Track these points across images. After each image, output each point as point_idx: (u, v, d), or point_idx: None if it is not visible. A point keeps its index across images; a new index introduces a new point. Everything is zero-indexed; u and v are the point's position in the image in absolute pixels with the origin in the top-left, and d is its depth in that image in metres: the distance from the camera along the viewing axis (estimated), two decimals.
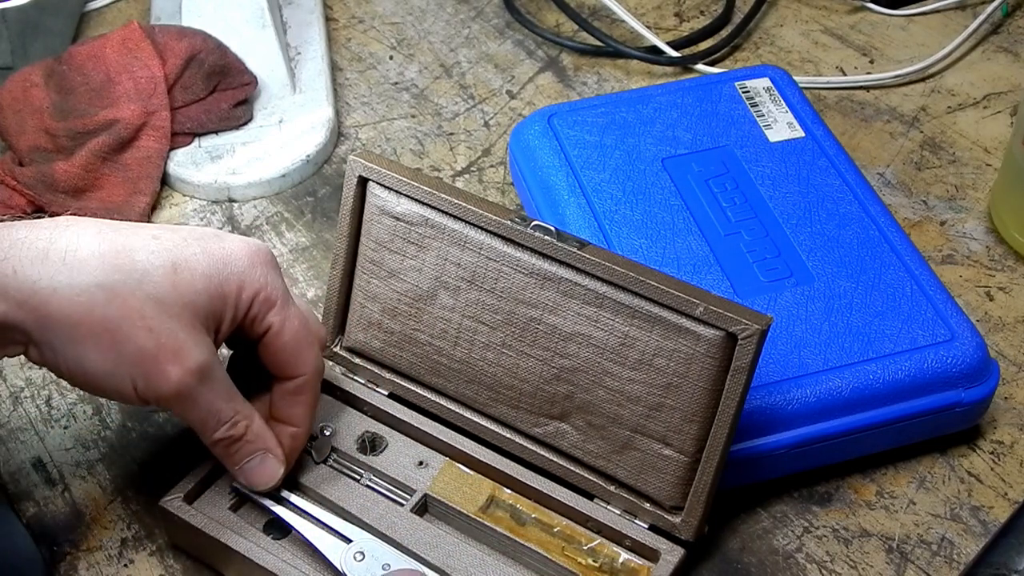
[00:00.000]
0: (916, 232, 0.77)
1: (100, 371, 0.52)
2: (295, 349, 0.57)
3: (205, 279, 0.54)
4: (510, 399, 0.61)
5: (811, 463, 0.63)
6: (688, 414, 0.56)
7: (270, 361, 0.57)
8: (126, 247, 0.53)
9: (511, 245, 0.58)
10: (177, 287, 0.53)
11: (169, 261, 0.53)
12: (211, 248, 0.55)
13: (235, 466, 0.57)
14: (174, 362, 0.52)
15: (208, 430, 0.56)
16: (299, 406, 0.58)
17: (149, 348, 0.52)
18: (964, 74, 0.89)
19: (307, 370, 0.58)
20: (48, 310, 0.51)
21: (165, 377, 0.53)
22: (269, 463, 0.58)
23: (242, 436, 0.56)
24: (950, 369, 0.62)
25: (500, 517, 0.60)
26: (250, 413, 0.56)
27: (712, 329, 0.54)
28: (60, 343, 0.52)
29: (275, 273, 0.57)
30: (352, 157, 0.61)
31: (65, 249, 0.52)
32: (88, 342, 0.52)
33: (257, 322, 0.56)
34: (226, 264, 0.55)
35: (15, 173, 0.77)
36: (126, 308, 0.52)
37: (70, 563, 0.61)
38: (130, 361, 0.52)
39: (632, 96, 0.77)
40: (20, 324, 0.51)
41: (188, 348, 0.53)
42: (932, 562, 0.60)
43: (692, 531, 0.57)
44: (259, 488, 0.58)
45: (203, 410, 0.55)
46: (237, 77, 0.83)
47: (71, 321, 0.51)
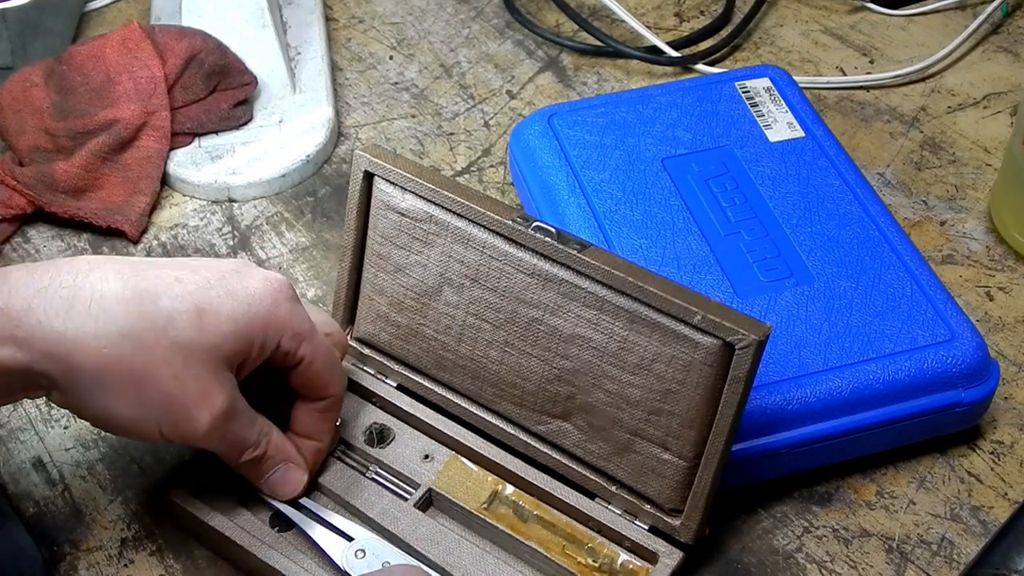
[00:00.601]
0: (916, 232, 0.77)
1: (126, 417, 0.53)
2: (327, 373, 0.58)
3: (231, 322, 0.54)
4: (513, 396, 0.61)
5: (811, 463, 0.63)
6: (687, 420, 0.56)
7: (302, 386, 0.59)
8: (150, 292, 0.53)
9: (513, 245, 0.59)
10: (202, 332, 0.53)
11: (193, 305, 0.53)
12: (235, 289, 0.55)
13: (259, 480, 0.58)
14: (202, 407, 0.53)
15: (235, 458, 0.57)
16: (325, 423, 0.60)
17: (177, 395, 0.53)
18: (964, 74, 0.89)
19: (336, 391, 0.59)
20: (74, 360, 0.51)
21: (195, 422, 0.53)
22: (292, 473, 0.59)
23: (265, 453, 0.57)
24: (950, 369, 0.62)
25: (502, 514, 0.60)
26: (269, 429, 0.58)
27: (710, 337, 0.54)
28: (86, 391, 0.52)
29: (298, 306, 0.57)
30: (358, 152, 0.62)
31: (90, 298, 0.52)
32: (114, 390, 0.52)
33: (290, 356, 0.57)
34: (250, 305, 0.55)
35: (15, 173, 0.77)
36: (152, 356, 0.52)
37: (70, 563, 0.61)
38: (157, 407, 0.53)
39: (632, 96, 0.77)
40: (45, 372, 0.52)
41: (215, 392, 0.54)
42: (932, 562, 0.61)
43: (691, 534, 0.57)
44: (284, 497, 0.59)
45: (230, 443, 0.56)
46: (237, 77, 0.83)
47: (97, 371, 0.52)
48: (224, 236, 0.78)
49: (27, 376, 0.52)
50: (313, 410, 0.59)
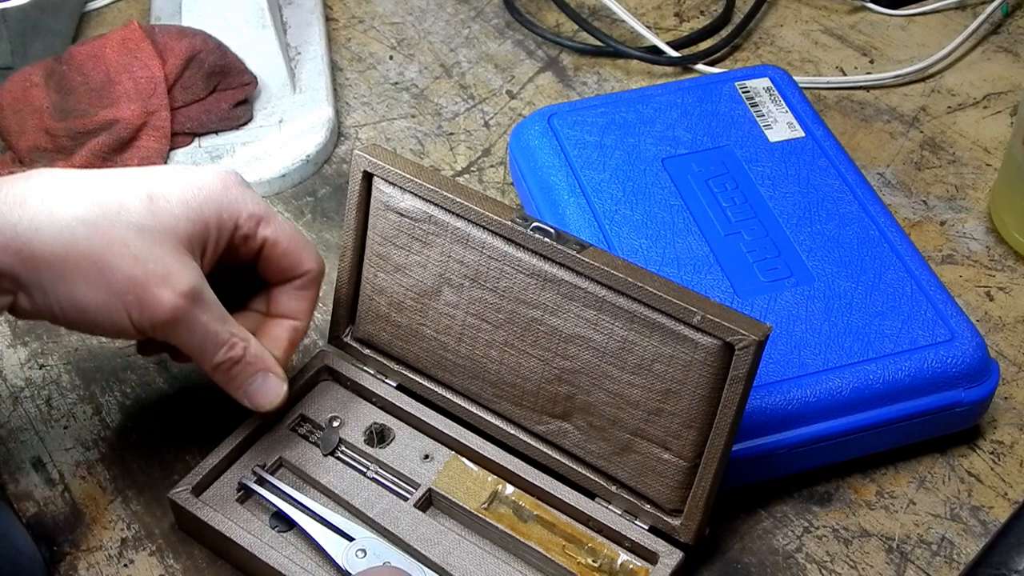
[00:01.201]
0: (916, 232, 0.77)
1: (93, 305, 0.54)
2: (296, 250, 0.59)
3: (182, 205, 0.55)
4: (513, 396, 0.61)
5: (811, 463, 0.63)
6: (687, 420, 0.56)
7: (273, 269, 0.60)
8: (101, 184, 0.55)
9: (512, 245, 0.59)
10: (156, 215, 0.54)
11: (144, 191, 0.55)
12: (183, 177, 0.57)
13: (238, 389, 0.58)
14: (164, 286, 0.54)
15: (207, 355, 0.56)
16: (304, 301, 0.61)
17: (138, 275, 0.53)
18: (964, 74, 0.89)
19: (312, 265, 0.60)
20: (32, 249, 0.52)
21: (158, 301, 0.54)
22: (272, 382, 0.58)
23: (241, 358, 0.57)
24: (950, 369, 0.62)
25: (502, 514, 0.60)
26: (246, 335, 0.58)
27: (710, 338, 0.54)
28: (49, 282, 0.53)
29: (250, 191, 0.59)
30: (357, 152, 0.62)
31: (43, 192, 0.53)
32: (77, 276, 0.53)
33: (251, 239, 0.58)
34: (200, 189, 0.56)
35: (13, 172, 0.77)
36: (109, 238, 0.53)
37: (70, 563, 0.61)
38: (121, 290, 0.53)
39: (632, 96, 0.77)
40: (8, 270, 0.52)
41: (176, 272, 0.54)
42: (932, 562, 0.61)
43: (691, 534, 0.57)
44: (265, 408, 0.59)
45: (200, 334, 0.56)
46: (237, 77, 0.83)
47: (57, 257, 0.52)
48: None
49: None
50: (291, 288, 0.60)
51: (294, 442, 0.63)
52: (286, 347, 0.61)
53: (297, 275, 0.60)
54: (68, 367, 0.69)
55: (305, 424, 0.64)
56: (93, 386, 0.69)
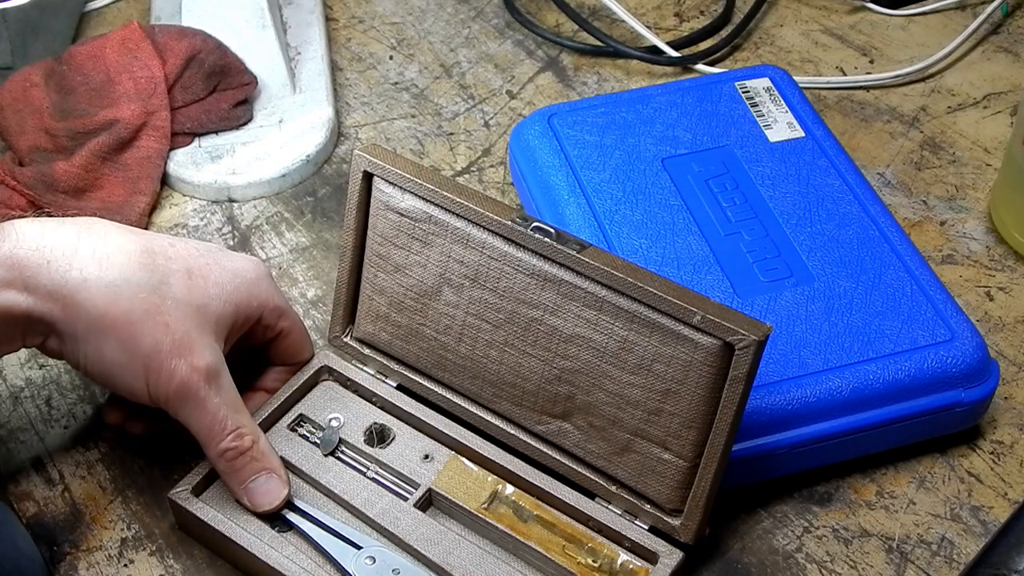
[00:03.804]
0: (916, 232, 0.77)
1: (116, 363, 0.55)
2: (302, 343, 0.64)
3: (218, 287, 0.58)
4: (513, 396, 0.61)
5: (811, 463, 0.63)
6: (687, 420, 0.56)
7: (280, 354, 0.64)
8: (148, 249, 0.57)
9: (512, 245, 0.59)
10: (192, 292, 0.57)
11: (185, 267, 0.58)
12: (221, 260, 0.59)
13: (239, 484, 0.58)
14: (184, 358, 0.55)
15: (214, 439, 0.57)
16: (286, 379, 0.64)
17: (164, 343, 0.55)
18: (964, 74, 0.89)
19: (309, 354, 0.65)
20: (76, 299, 0.54)
21: (173, 371, 0.55)
22: (274, 483, 0.59)
23: (248, 450, 0.58)
24: (950, 369, 0.62)
25: (503, 514, 0.60)
26: (257, 431, 0.59)
27: (710, 338, 0.54)
28: (83, 334, 0.55)
29: (275, 285, 0.63)
30: (357, 152, 0.62)
31: (94, 246, 0.55)
32: (110, 334, 0.55)
33: (270, 329, 0.62)
34: (235, 276, 0.59)
35: (15, 173, 0.77)
36: (148, 303, 0.55)
37: (70, 563, 0.61)
38: (145, 354, 0.55)
39: (632, 96, 0.77)
40: (47, 315, 0.54)
41: (199, 348, 0.56)
42: (932, 562, 0.61)
43: (691, 534, 0.57)
44: (262, 509, 0.59)
45: (209, 415, 0.57)
46: (237, 77, 0.83)
47: (97, 312, 0.54)
48: (224, 236, 0.78)
49: (28, 321, 0.54)
50: (281, 371, 0.64)
51: (294, 442, 0.63)
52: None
53: (295, 361, 0.64)
54: (68, 367, 0.69)
55: (305, 424, 0.64)
56: (93, 386, 0.69)
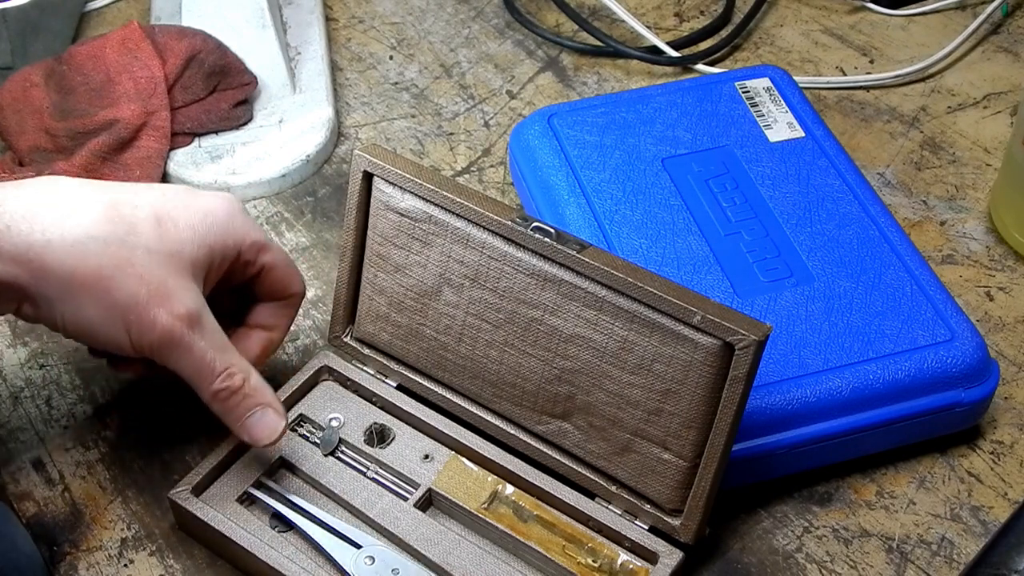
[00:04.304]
0: (916, 232, 0.77)
1: (95, 321, 0.54)
2: (288, 275, 0.62)
3: (189, 230, 0.57)
4: (513, 396, 0.61)
5: (811, 463, 0.63)
6: (687, 420, 0.56)
7: (265, 291, 0.62)
8: (113, 201, 0.56)
9: (512, 245, 0.59)
10: (163, 238, 0.56)
11: (153, 214, 0.56)
12: (189, 202, 0.58)
13: (237, 422, 0.58)
14: (163, 307, 0.54)
15: (205, 381, 0.57)
16: (284, 317, 0.63)
17: (140, 295, 0.54)
18: (964, 74, 0.89)
19: (299, 287, 0.63)
20: (43, 262, 0.53)
21: (156, 321, 0.54)
22: (270, 417, 0.58)
23: (240, 388, 0.57)
24: (950, 369, 0.62)
25: (503, 514, 0.60)
26: (247, 368, 0.58)
27: (710, 338, 0.54)
28: (56, 295, 0.54)
29: (250, 219, 0.61)
30: (357, 152, 0.62)
31: (55, 203, 0.54)
32: (83, 292, 0.54)
33: (251, 265, 0.60)
34: (206, 216, 0.58)
35: (15, 173, 0.77)
36: (118, 257, 0.54)
37: (70, 563, 0.61)
38: (122, 308, 0.54)
39: (632, 96, 0.77)
40: (15, 280, 0.53)
41: (177, 294, 0.55)
42: (932, 562, 0.61)
43: (691, 534, 0.57)
44: (262, 443, 0.59)
45: (196, 359, 0.56)
46: (237, 77, 0.83)
47: (66, 272, 0.53)
48: None
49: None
50: (276, 306, 0.63)
51: (294, 442, 0.63)
52: (257, 355, 0.62)
53: (285, 296, 0.63)
54: (68, 367, 0.69)
55: (305, 424, 0.64)
56: (93, 386, 0.69)
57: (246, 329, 0.63)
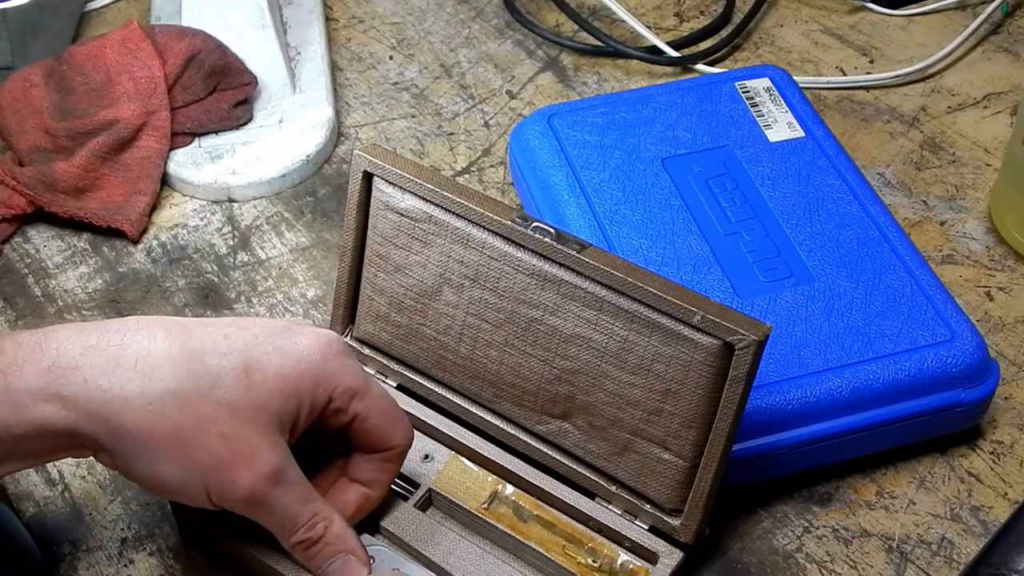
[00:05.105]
0: (916, 232, 0.77)
1: (173, 480, 0.51)
2: (386, 427, 0.57)
3: (279, 380, 0.53)
4: (513, 396, 0.61)
5: (811, 463, 0.63)
6: (687, 420, 0.56)
7: (361, 441, 0.57)
8: (196, 350, 0.52)
9: (512, 245, 0.59)
10: (250, 390, 0.52)
11: (241, 363, 0.52)
12: (283, 345, 0.54)
13: (317, 569, 0.55)
14: (246, 467, 0.51)
15: (286, 534, 0.54)
16: (384, 473, 0.58)
17: (222, 455, 0.51)
18: (964, 74, 0.89)
19: (401, 441, 0.57)
20: (119, 420, 0.50)
21: (237, 483, 0.51)
22: (351, 566, 0.55)
23: (321, 538, 0.55)
24: (950, 369, 0.62)
25: (502, 514, 0.60)
26: (330, 514, 0.55)
27: (710, 338, 0.54)
28: (131, 452, 0.51)
29: (351, 361, 0.56)
30: (357, 152, 0.62)
31: (136, 356, 0.51)
32: (160, 452, 0.51)
33: (342, 413, 0.55)
34: (299, 362, 0.53)
35: (15, 173, 0.77)
36: (198, 415, 0.51)
37: (70, 563, 0.61)
38: (203, 469, 0.51)
39: (632, 96, 0.77)
40: (90, 433, 0.50)
41: (262, 453, 0.52)
42: (932, 562, 0.61)
43: (691, 534, 0.57)
44: None
45: (279, 514, 0.53)
46: (237, 77, 0.83)
47: (143, 431, 0.50)
48: (224, 236, 0.78)
49: (72, 436, 0.50)
50: (373, 459, 0.57)
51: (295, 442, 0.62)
52: (353, 513, 0.57)
53: (383, 449, 0.57)
54: None
55: None
56: None
57: (345, 481, 0.58)
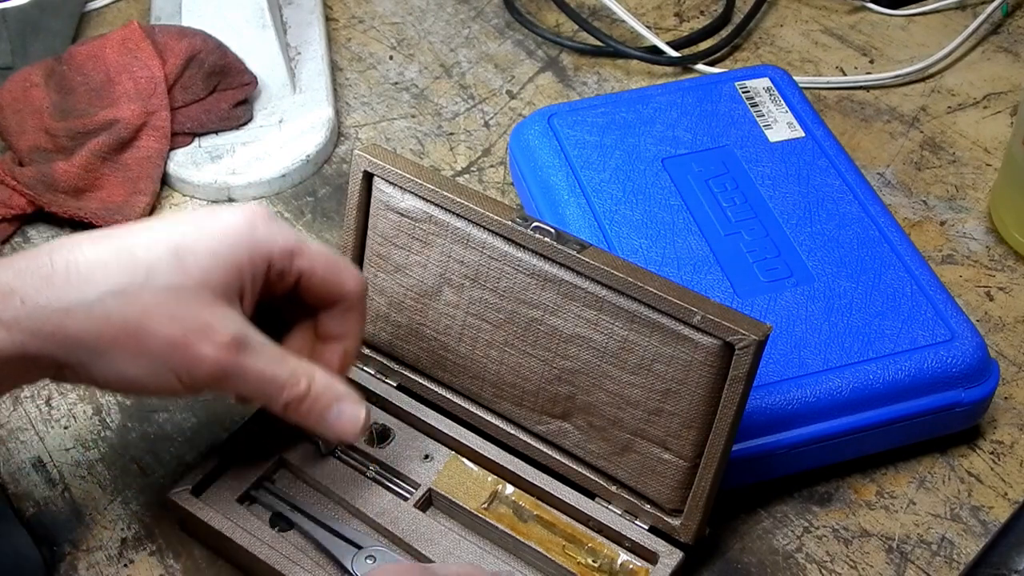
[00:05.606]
0: (916, 232, 0.77)
1: (139, 374, 0.52)
2: (334, 276, 0.57)
3: (211, 256, 0.53)
4: (513, 396, 0.61)
5: (811, 463, 0.63)
6: (687, 420, 0.56)
7: (313, 298, 0.57)
8: (123, 248, 0.52)
9: (512, 245, 0.59)
10: (186, 271, 0.52)
11: (169, 249, 0.53)
12: (207, 224, 0.54)
13: (318, 426, 0.56)
14: (205, 341, 0.52)
15: (272, 399, 0.54)
16: (351, 323, 0.58)
17: (176, 336, 0.51)
18: (964, 74, 0.89)
19: (352, 286, 0.58)
20: (66, 332, 0.50)
21: (201, 358, 0.52)
22: (348, 409, 0.56)
23: (308, 393, 0.55)
24: (950, 369, 0.62)
25: (502, 514, 0.60)
26: (309, 369, 0.55)
27: (710, 337, 0.54)
28: (88, 359, 0.51)
29: (279, 224, 0.56)
30: (357, 152, 0.62)
31: (67, 269, 0.51)
32: (116, 351, 0.51)
33: (287, 275, 0.56)
34: (227, 235, 0.54)
35: (15, 173, 0.77)
36: (142, 307, 0.51)
37: (70, 563, 0.61)
38: (163, 355, 0.51)
39: (632, 96, 0.77)
40: (43, 352, 0.50)
41: (216, 324, 0.52)
42: (932, 562, 0.61)
43: (691, 534, 0.57)
44: (351, 437, 0.56)
45: (255, 380, 0.53)
46: (237, 77, 0.83)
47: (92, 336, 0.51)
48: None
49: (23, 360, 0.51)
50: (335, 313, 0.58)
51: (294, 442, 0.63)
52: (338, 368, 0.58)
53: (339, 300, 0.58)
54: None
55: None
56: None
57: (319, 344, 0.58)
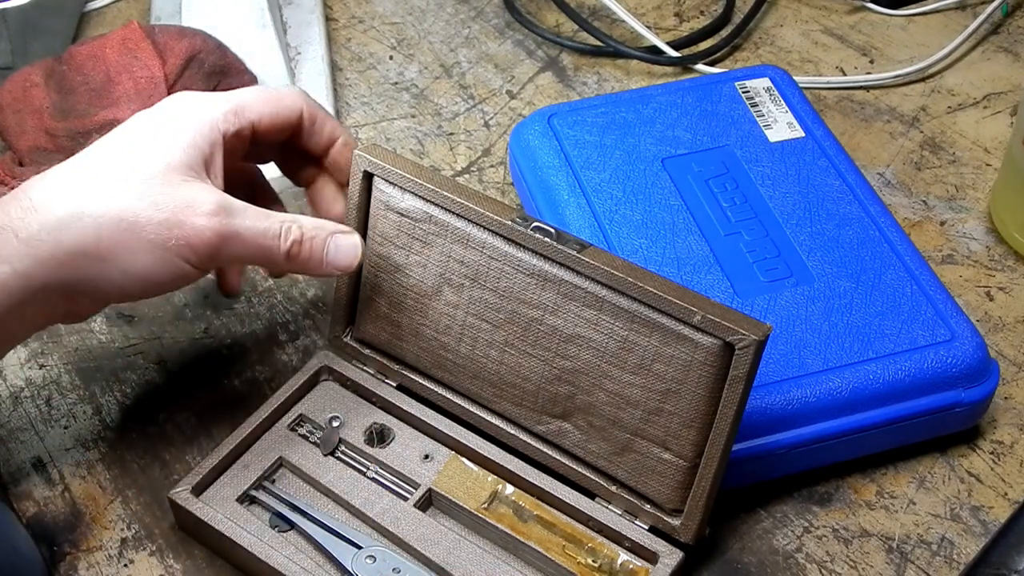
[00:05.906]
0: (916, 232, 0.77)
1: (147, 267, 0.55)
2: (282, 110, 0.61)
3: (163, 146, 0.56)
4: (513, 396, 0.61)
5: (811, 463, 0.63)
6: (687, 419, 0.56)
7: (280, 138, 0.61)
8: (85, 163, 0.56)
9: (512, 245, 0.59)
10: (149, 159, 0.56)
11: (124, 149, 0.56)
12: (150, 122, 0.58)
13: (320, 267, 0.59)
14: (195, 214, 0.55)
15: (273, 253, 0.57)
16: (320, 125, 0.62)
17: (169, 218, 0.54)
18: (964, 74, 0.89)
19: (298, 103, 0.61)
20: (65, 247, 0.53)
21: (200, 229, 0.55)
22: (341, 241, 0.59)
23: (302, 236, 0.58)
24: (950, 369, 0.62)
25: (502, 514, 0.60)
26: (294, 216, 0.58)
27: (710, 337, 0.54)
28: (96, 270, 0.54)
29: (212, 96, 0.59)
30: (357, 152, 0.62)
31: (44, 195, 0.54)
32: (117, 250, 0.54)
33: (242, 131, 0.59)
34: (169, 121, 0.58)
35: (15, 173, 0.77)
36: (124, 203, 0.54)
37: (70, 563, 0.61)
38: (162, 239, 0.54)
39: (632, 96, 0.77)
40: (50, 279, 0.53)
41: (197, 197, 0.55)
42: (932, 562, 0.61)
43: (691, 534, 0.57)
44: (352, 265, 0.60)
45: (252, 236, 0.56)
46: (237, 77, 0.83)
47: (91, 241, 0.53)
48: None
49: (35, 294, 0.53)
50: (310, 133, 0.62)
51: (294, 442, 0.63)
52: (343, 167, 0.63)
53: (295, 121, 0.61)
54: (68, 367, 0.69)
55: (305, 424, 0.64)
56: (93, 386, 0.69)
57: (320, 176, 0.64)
